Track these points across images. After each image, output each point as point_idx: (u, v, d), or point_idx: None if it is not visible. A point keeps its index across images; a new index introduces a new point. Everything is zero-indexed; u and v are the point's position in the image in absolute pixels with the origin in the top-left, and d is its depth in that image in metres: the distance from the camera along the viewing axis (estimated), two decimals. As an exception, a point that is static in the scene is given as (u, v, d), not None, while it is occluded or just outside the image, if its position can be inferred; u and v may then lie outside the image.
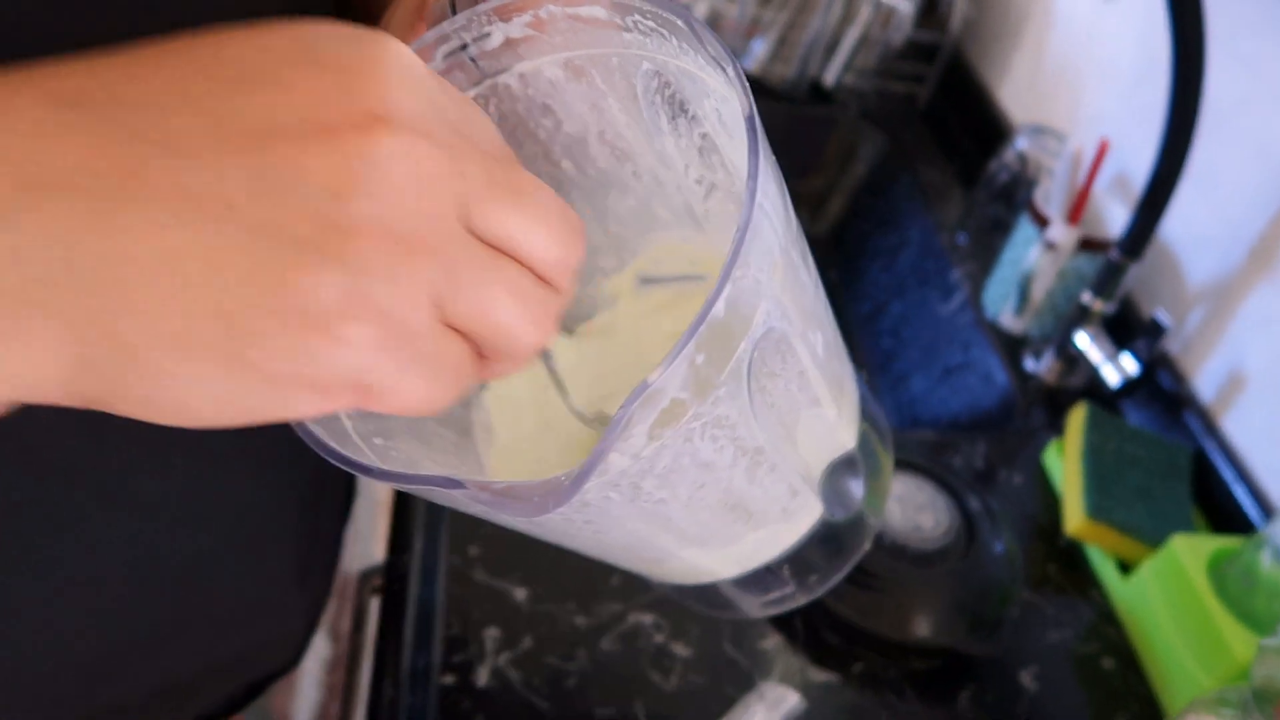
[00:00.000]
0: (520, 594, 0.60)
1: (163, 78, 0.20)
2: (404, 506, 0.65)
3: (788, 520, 0.35)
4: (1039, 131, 0.98)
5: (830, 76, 1.16)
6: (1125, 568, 0.70)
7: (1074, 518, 0.71)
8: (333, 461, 0.26)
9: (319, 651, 0.59)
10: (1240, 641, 0.59)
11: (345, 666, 0.66)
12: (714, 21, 1.13)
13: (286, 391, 0.21)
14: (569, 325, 0.40)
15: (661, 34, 0.29)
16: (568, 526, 0.30)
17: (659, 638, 0.60)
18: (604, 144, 0.35)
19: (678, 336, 0.24)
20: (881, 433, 0.38)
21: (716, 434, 0.27)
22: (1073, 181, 0.88)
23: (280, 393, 0.21)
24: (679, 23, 0.27)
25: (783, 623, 0.62)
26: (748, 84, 0.25)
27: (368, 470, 0.26)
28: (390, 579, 0.61)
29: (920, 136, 1.20)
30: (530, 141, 0.35)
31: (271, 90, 0.20)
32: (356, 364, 0.21)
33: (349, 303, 0.20)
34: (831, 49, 1.15)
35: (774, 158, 0.27)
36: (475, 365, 0.24)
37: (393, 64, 0.21)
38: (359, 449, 0.28)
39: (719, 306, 0.23)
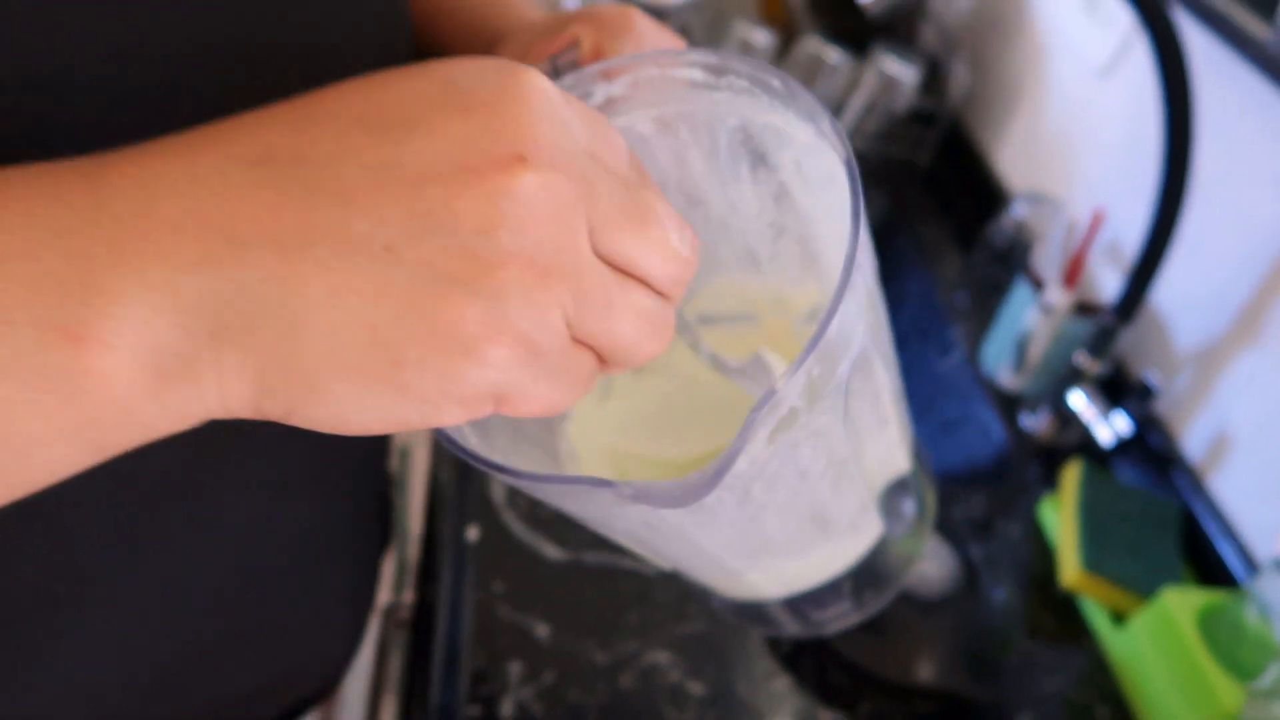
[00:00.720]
0: (542, 630, 0.63)
1: (330, 133, 0.23)
2: (433, 542, 0.67)
3: (854, 534, 0.38)
4: (1035, 198, 1.02)
5: (835, 139, 1.21)
6: (1118, 618, 0.73)
7: (1070, 570, 0.74)
8: (486, 469, 0.29)
9: (357, 679, 0.61)
10: (1228, 691, 0.62)
11: (369, 697, 0.68)
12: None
13: (436, 405, 0.24)
14: None
15: (753, 92, 0.32)
16: (678, 530, 0.33)
17: (675, 676, 0.62)
18: (680, 192, 0.38)
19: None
20: (925, 461, 0.41)
21: (815, 443, 0.31)
22: (1068, 247, 0.92)
23: (431, 406, 0.24)
24: (774, 82, 0.31)
25: (792, 664, 0.65)
26: (843, 133, 0.29)
27: (519, 475, 0.28)
28: (419, 612, 0.63)
29: (920, 198, 1.24)
30: None
31: (423, 137, 0.23)
32: (495, 380, 0.24)
33: (490, 328, 0.23)
34: (837, 114, 1.20)
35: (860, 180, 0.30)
36: (598, 369, 0.27)
37: (531, 98, 0.23)
38: (483, 451, 0.31)
39: (833, 325, 0.27)
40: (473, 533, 0.67)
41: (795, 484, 0.32)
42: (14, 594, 0.38)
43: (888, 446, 0.37)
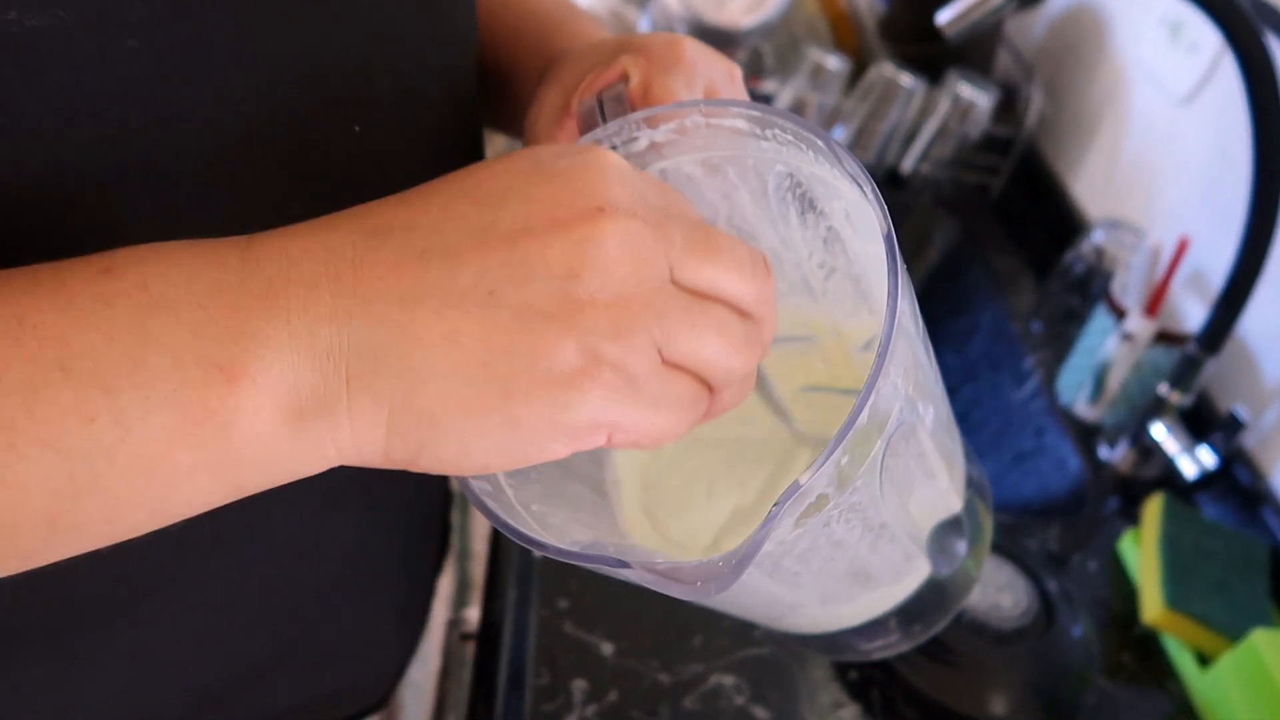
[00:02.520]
0: (607, 648, 0.62)
1: (438, 206, 0.27)
2: (498, 557, 0.67)
3: (898, 581, 0.37)
4: (1116, 225, 1.00)
5: (907, 165, 1.20)
6: (1203, 660, 0.70)
7: (1152, 607, 0.71)
8: (515, 540, 0.30)
9: (417, 694, 0.61)
10: (1323, 739, 0.59)
11: (434, 710, 0.68)
12: (798, 108, 1.18)
13: (548, 436, 0.26)
14: None
15: (798, 146, 0.32)
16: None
17: (739, 700, 0.61)
18: (730, 227, 0.38)
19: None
20: (983, 492, 0.40)
21: (850, 517, 0.30)
22: (1150, 275, 0.89)
23: (543, 437, 0.26)
24: (818, 142, 0.31)
25: (860, 693, 0.64)
26: (884, 203, 0.29)
27: (542, 546, 0.29)
28: (485, 626, 0.63)
29: (992, 226, 1.22)
30: None
31: (518, 202, 0.26)
32: (600, 409, 0.26)
33: (585, 359, 0.26)
34: (910, 139, 1.19)
35: (902, 259, 0.30)
36: (704, 396, 0.29)
37: (604, 167, 0.27)
38: (523, 518, 0.31)
39: (863, 416, 0.26)
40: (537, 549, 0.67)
41: (830, 552, 0.32)
42: (68, 605, 0.38)
43: (937, 494, 0.36)
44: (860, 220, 0.34)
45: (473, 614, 0.73)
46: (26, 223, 0.29)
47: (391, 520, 0.51)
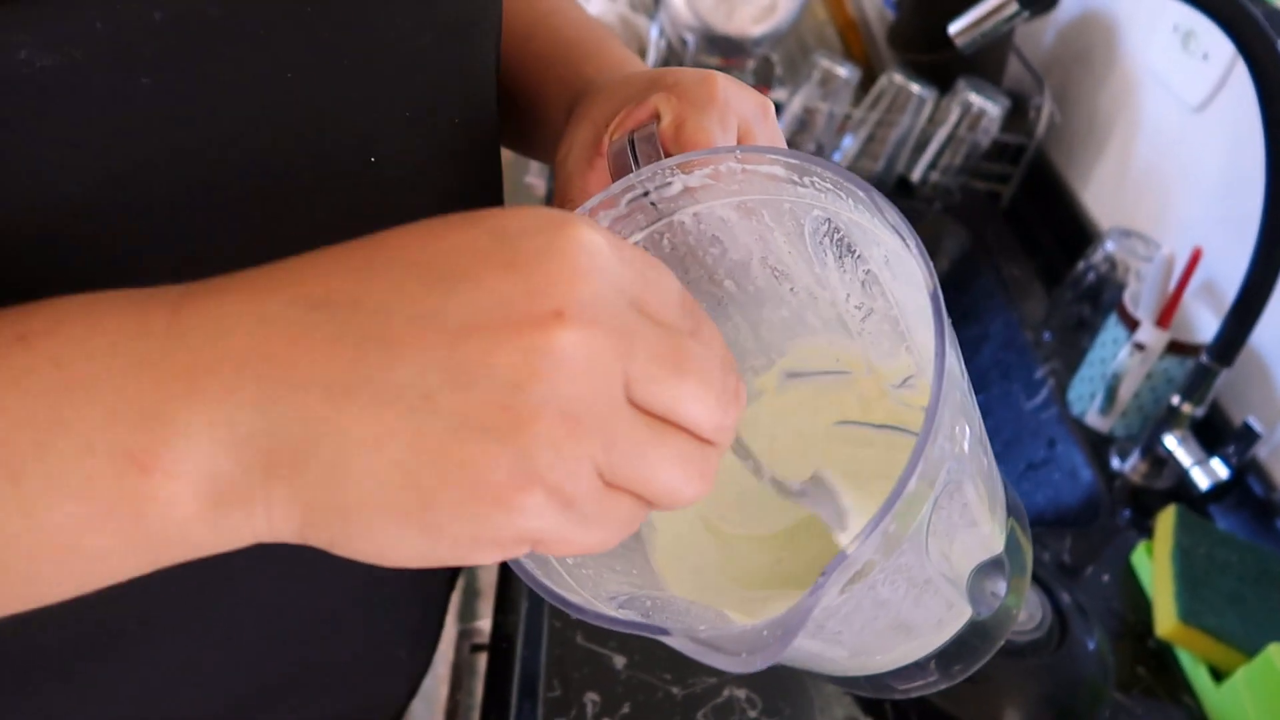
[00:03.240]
0: (619, 660, 0.62)
1: (386, 281, 0.24)
2: (509, 569, 0.67)
3: (939, 630, 0.36)
4: (1128, 235, 1.00)
5: (917, 173, 1.20)
6: (1217, 674, 0.70)
7: (1165, 620, 0.71)
8: (552, 602, 0.29)
9: (428, 705, 0.61)
10: (1341, 755, 0.59)
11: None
12: (807, 117, 1.18)
13: (470, 547, 0.25)
14: None
15: (838, 194, 0.31)
16: None
17: (752, 713, 0.61)
18: (765, 267, 0.38)
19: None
20: (1021, 519, 0.40)
21: (895, 578, 0.30)
22: (1163, 286, 0.89)
23: (464, 548, 0.25)
24: (859, 193, 0.30)
25: (874, 707, 0.63)
26: (930, 259, 0.28)
27: (582, 611, 0.29)
28: (496, 639, 0.63)
29: (1003, 234, 1.22)
30: (696, 266, 0.38)
31: (469, 290, 0.24)
32: (527, 526, 0.24)
33: (520, 478, 0.23)
34: (920, 147, 1.19)
35: (948, 316, 0.29)
36: (643, 511, 0.26)
37: (575, 255, 0.24)
38: (558, 573, 0.31)
39: (911, 483, 0.26)
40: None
41: (874, 612, 0.31)
42: (83, 629, 0.38)
43: (979, 540, 0.35)
44: (900, 267, 0.33)
45: (483, 625, 0.73)
46: (38, 260, 0.29)
47: None
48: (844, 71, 1.17)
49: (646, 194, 0.35)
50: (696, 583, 0.38)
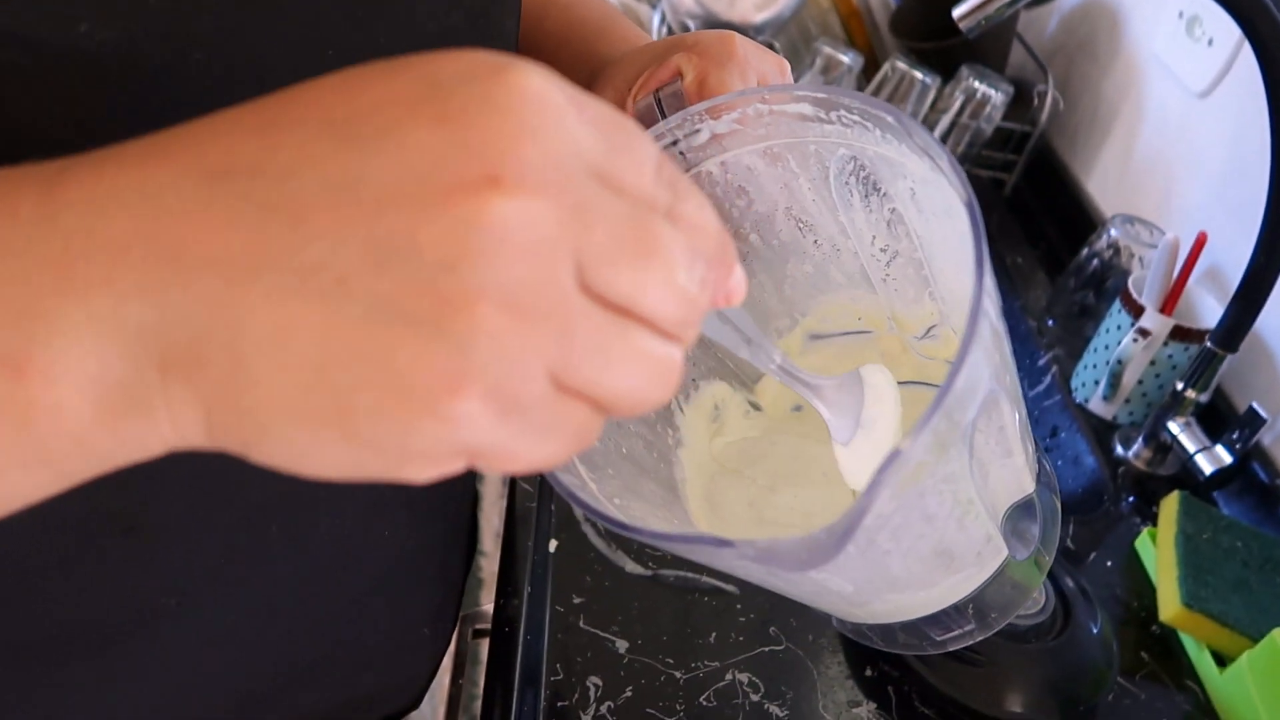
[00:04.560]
0: (621, 645, 0.62)
1: (295, 140, 0.20)
2: (511, 554, 0.67)
3: (979, 564, 0.37)
4: (1132, 221, 0.99)
5: (919, 161, 1.19)
6: (1221, 659, 0.70)
7: (1169, 606, 0.71)
8: (620, 531, 0.27)
9: (431, 690, 0.61)
10: (1345, 739, 0.59)
11: (447, 707, 0.68)
12: (809, 105, 1.18)
13: (398, 460, 0.21)
14: (746, 382, 0.42)
15: (865, 125, 0.31)
16: (801, 575, 0.32)
17: (755, 697, 0.61)
18: (789, 218, 0.38)
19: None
20: (1049, 475, 0.40)
21: (942, 489, 0.30)
22: (1167, 272, 0.89)
23: (391, 460, 0.21)
24: (888, 118, 0.30)
25: (877, 691, 0.63)
26: (963, 172, 0.28)
27: (641, 532, 0.27)
28: (499, 623, 0.63)
29: (1006, 222, 1.22)
30: (723, 220, 0.38)
31: (391, 151, 0.20)
32: (466, 438, 0.21)
33: (456, 380, 0.20)
34: (922, 135, 1.19)
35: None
36: (600, 420, 0.23)
37: (519, 106, 0.20)
38: (610, 510, 0.30)
39: (959, 379, 0.25)
40: (552, 545, 0.67)
41: (921, 528, 0.31)
42: (116, 609, 0.39)
43: (1013, 473, 0.36)
44: (928, 199, 0.34)
45: (486, 610, 0.73)
46: None
47: (429, 522, 0.51)
48: (847, 59, 1.17)
49: (675, 142, 0.35)
50: (728, 531, 0.39)
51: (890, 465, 0.25)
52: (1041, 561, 0.39)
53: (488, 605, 0.73)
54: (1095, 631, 0.65)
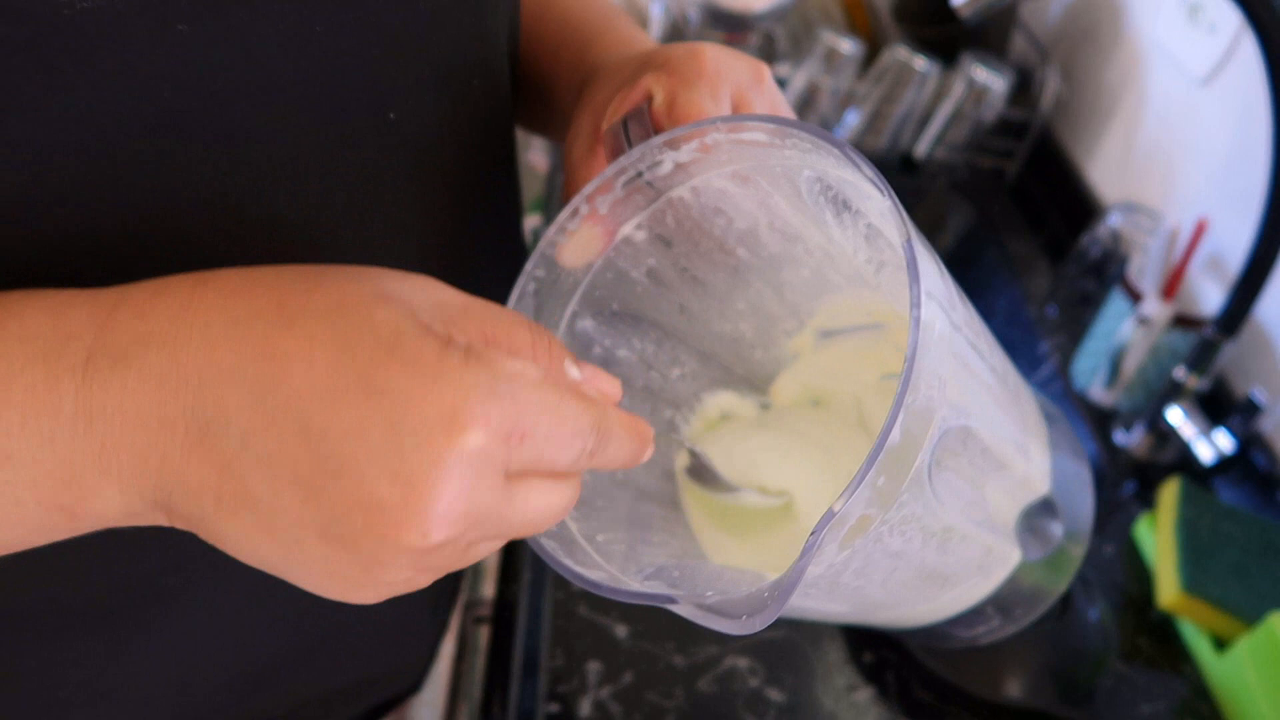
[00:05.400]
0: (621, 630, 0.63)
1: (273, 438, 0.26)
2: (512, 541, 0.67)
3: (984, 574, 0.36)
4: (1132, 208, 0.99)
5: (921, 150, 1.19)
6: (1219, 644, 0.70)
7: (1168, 591, 0.71)
8: (574, 581, 0.31)
9: (432, 676, 0.62)
10: (1342, 723, 0.59)
11: (448, 692, 0.68)
12: (810, 93, 1.17)
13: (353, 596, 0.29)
14: (759, 385, 0.42)
15: (818, 152, 0.32)
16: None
17: (754, 682, 0.61)
18: (774, 231, 0.38)
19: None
20: (1080, 461, 0.39)
21: (904, 528, 0.29)
22: (1167, 258, 0.89)
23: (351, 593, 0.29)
24: (835, 150, 0.30)
25: (876, 676, 0.64)
26: (904, 212, 0.28)
27: (598, 587, 0.29)
28: (500, 608, 0.63)
29: (1007, 210, 1.22)
30: (706, 239, 0.38)
31: (350, 488, 0.26)
32: (393, 586, 0.29)
33: (392, 581, 0.28)
34: (924, 123, 1.19)
35: (933, 251, 0.29)
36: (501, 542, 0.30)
37: (461, 479, 0.26)
38: (585, 551, 0.31)
39: (894, 434, 0.25)
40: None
41: (891, 563, 0.31)
42: (120, 589, 0.39)
43: (1013, 483, 0.35)
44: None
45: (486, 596, 0.74)
46: (75, 201, 0.29)
47: None
48: (848, 46, 1.16)
49: (640, 174, 0.35)
50: (737, 548, 0.39)
51: (823, 526, 0.26)
52: (1071, 554, 0.38)
53: (489, 591, 0.73)
54: (1094, 617, 0.66)
